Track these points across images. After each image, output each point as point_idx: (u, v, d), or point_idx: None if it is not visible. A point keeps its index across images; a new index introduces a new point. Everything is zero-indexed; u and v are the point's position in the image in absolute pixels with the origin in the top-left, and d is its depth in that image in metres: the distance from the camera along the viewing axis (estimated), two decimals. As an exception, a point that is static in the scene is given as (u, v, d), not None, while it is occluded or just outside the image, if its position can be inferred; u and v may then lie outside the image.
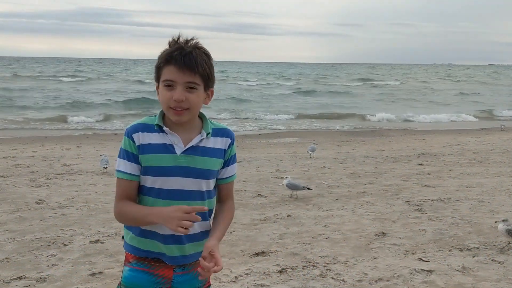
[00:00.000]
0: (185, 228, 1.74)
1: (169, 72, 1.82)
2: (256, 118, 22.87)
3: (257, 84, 46.60)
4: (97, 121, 20.30)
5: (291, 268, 4.32)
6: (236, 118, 23.07)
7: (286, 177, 7.26)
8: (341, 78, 64.47)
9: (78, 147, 12.84)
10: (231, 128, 2.03)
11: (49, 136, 15.61)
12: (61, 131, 17.32)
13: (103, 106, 25.86)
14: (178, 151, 1.86)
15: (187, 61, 1.80)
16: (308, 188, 7.16)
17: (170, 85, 1.82)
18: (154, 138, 1.86)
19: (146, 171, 1.86)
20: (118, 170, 1.88)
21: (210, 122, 1.96)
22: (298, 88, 41.39)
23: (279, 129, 19.18)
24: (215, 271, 1.80)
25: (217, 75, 2.22)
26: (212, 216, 2.01)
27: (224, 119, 22.18)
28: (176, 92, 1.81)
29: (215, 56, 1.94)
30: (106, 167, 8.82)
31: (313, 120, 22.81)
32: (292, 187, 7.10)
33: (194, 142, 1.88)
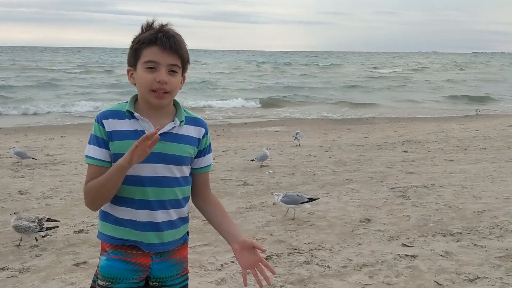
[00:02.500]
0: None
1: (152, 53, 1.79)
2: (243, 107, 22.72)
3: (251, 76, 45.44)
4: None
5: (277, 255, 4.34)
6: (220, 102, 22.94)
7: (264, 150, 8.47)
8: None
9: (62, 137, 12.68)
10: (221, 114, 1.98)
11: (32, 126, 15.40)
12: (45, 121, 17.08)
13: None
14: None
15: (172, 43, 1.79)
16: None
17: (152, 67, 1.79)
18: (124, 125, 1.82)
19: (117, 158, 1.80)
20: (87, 156, 1.84)
21: (184, 110, 1.93)
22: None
23: (265, 118, 19.11)
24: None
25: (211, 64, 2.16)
26: (188, 203, 1.96)
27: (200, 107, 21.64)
28: (159, 73, 1.78)
29: (201, 45, 1.92)
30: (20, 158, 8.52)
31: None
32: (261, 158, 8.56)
33: (166, 128, 1.85)
